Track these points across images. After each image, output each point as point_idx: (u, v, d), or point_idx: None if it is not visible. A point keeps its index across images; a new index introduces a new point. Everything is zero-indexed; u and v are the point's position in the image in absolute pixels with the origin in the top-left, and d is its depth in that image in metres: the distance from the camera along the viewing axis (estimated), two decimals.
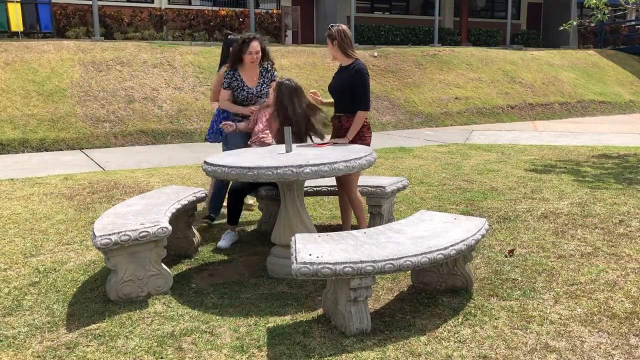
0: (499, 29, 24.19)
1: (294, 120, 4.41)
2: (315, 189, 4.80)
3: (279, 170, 3.42)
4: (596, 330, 3.10)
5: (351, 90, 4.29)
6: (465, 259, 3.55)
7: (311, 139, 4.57)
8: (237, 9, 18.10)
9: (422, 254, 3.07)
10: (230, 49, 5.13)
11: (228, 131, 4.82)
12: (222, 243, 4.57)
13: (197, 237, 4.50)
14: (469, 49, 17.94)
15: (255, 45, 4.76)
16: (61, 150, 9.68)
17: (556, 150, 9.39)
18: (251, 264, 4.22)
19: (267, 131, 4.58)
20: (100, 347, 2.97)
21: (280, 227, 3.92)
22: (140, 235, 3.43)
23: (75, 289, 3.74)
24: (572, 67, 18.25)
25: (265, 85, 4.95)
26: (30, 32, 14.25)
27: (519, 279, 3.82)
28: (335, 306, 3.14)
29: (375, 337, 3.03)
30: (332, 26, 4.34)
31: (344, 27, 4.36)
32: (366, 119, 4.39)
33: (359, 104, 4.27)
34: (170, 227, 3.55)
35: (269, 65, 4.98)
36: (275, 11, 18.85)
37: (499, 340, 2.99)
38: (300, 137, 4.47)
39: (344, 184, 4.41)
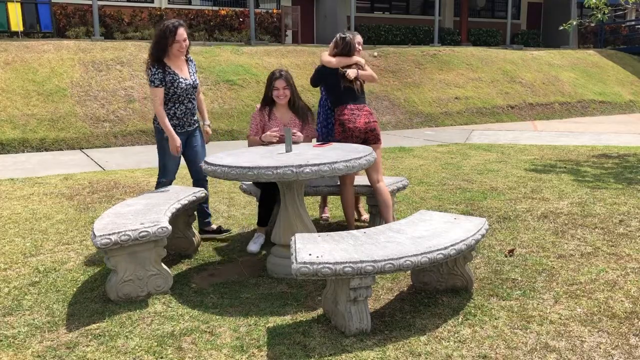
0: (499, 29, 24.21)
1: (299, 104, 4.71)
2: (316, 188, 4.80)
3: (278, 170, 3.42)
4: (596, 330, 3.10)
5: None
6: (465, 259, 3.55)
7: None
8: (237, 9, 18.11)
9: (422, 253, 3.07)
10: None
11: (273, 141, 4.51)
12: (253, 247, 4.44)
13: (197, 237, 4.50)
14: (469, 49, 17.94)
15: (182, 33, 4.35)
16: (61, 150, 9.68)
17: (556, 150, 9.39)
18: (251, 264, 4.22)
19: (277, 129, 4.59)
20: (100, 347, 2.97)
21: (280, 227, 3.92)
22: (140, 235, 3.43)
23: (75, 289, 3.74)
24: (572, 67, 18.25)
25: (194, 75, 4.60)
26: (30, 31, 14.25)
27: (519, 279, 3.82)
28: (335, 306, 3.14)
29: (375, 337, 3.03)
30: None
31: (344, 35, 4.73)
32: (342, 115, 4.56)
33: None
34: (170, 227, 3.55)
35: (189, 55, 4.63)
36: (275, 11, 18.86)
37: (499, 340, 2.99)
38: (303, 120, 4.70)
39: (341, 181, 4.62)
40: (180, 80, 4.44)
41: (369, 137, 4.59)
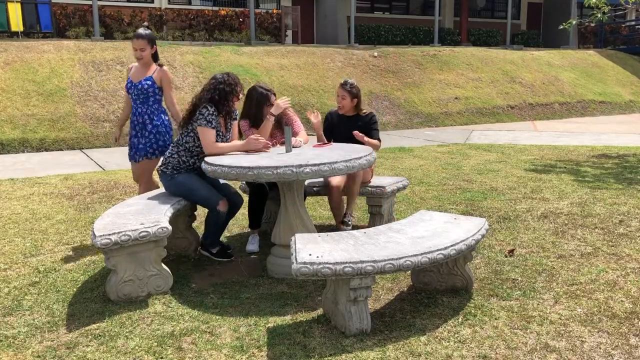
0: (499, 29, 24.21)
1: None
2: (315, 189, 4.80)
3: (278, 170, 3.42)
4: (596, 330, 3.10)
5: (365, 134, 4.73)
6: (465, 259, 3.55)
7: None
8: (237, 9, 18.11)
9: (422, 254, 3.07)
10: None
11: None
12: (252, 247, 4.45)
13: (197, 237, 4.50)
14: (469, 49, 17.94)
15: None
16: (61, 150, 9.68)
17: (556, 150, 9.39)
18: (251, 264, 4.22)
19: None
20: (100, 347, 2.97)
21: (280, 227, 3.91)
22: (140, 235, 3.43)
23: (75, 289, 3.74)
24: (572, 67, 18.25)
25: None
26: (30, 32, 14.24)
27: (519, 279, 3.82)
28: (335, 306, 3.14)
29: (375, 337, 3.03)
30: (352, 84, 4.77)
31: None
32: None
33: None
34: (170, 227, 3.55)
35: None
36: (275, 11, 18.85)
37: (499, 340, 2.99)
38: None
39: (353, 177, 4.55)
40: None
41: None
